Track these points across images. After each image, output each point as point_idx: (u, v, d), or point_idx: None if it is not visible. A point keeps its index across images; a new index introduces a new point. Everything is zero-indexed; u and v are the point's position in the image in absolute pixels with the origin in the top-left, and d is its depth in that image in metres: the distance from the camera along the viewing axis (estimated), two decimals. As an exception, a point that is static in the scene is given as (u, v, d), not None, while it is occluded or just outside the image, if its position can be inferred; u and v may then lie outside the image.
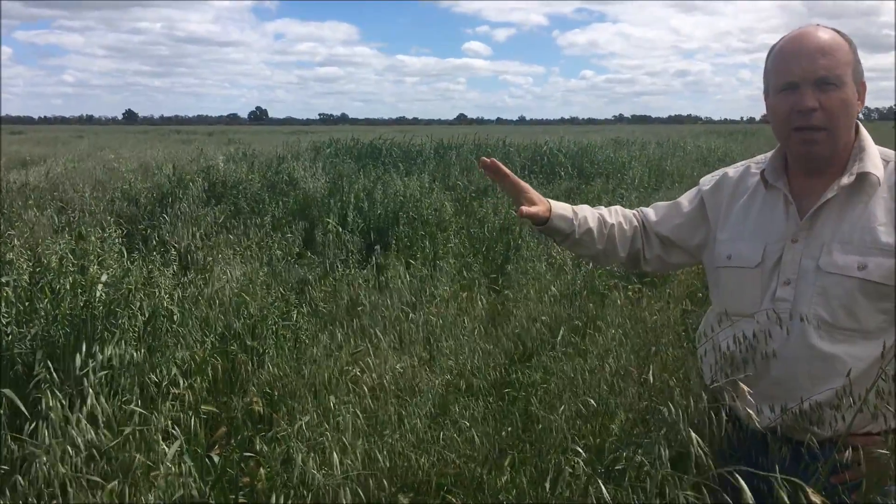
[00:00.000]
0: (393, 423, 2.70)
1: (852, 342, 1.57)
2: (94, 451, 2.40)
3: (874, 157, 1.64)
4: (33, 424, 2.51)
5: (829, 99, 1.57)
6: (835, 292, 1.57)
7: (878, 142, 1.75)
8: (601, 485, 1.63)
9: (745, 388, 1.48)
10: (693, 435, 1.46)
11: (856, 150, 1.65)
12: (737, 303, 1.73)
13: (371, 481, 2.34)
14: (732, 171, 1.89)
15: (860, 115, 1.69)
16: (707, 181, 1.93)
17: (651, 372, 2.26)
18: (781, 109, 1.64)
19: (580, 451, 2.09)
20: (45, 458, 2.26)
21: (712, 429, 1.50)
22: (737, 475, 1.32)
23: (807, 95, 1.58)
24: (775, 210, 1.72)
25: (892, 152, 1.68)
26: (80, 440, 2.37)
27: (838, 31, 1.64)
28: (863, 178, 1.61)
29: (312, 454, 2.41)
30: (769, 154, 1.80)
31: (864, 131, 1.68)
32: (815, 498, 1.26)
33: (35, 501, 2.24)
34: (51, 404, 2.54)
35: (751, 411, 1.45)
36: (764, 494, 1.36)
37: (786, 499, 1.27)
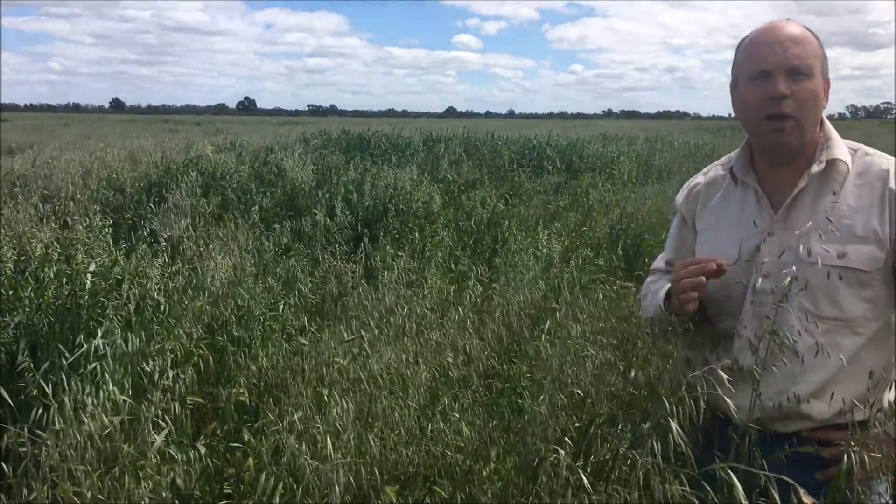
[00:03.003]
0: (383, 415, 2.70)
1: (836, 332, 1.59)
2: (90, 440, 2.39)
3: (840, 146, 1.67)
4: (39, 412, 2.50)
5: (801, 88, 1.60)
6: (817, 282, 1.57)
7: (864, 139, 1.77)
8: (581, 475, 1.64)
9: (724, 375, 1.49)
10: (674, 426, 1.47)
11: (822, 140, 1.67)
12: (718, 301, 1.74)
13: (363, 469, 2.34)
14: (701, 176, 1.91)
15: (846, 113, 1.72)
16: (680, 196, 1.95)
17: (633, 364, 2.28)
18: (753, 97, 1.65)
19: (567, 441, 2.10)
20: (49, 448, 2.24)
21: (693, 420, 1.51)
22: (730, 472, 1.33)
23: (779, 83, 1.60)
24: (747, 205, 1.73)
25: (858, 144, 1.71)
26: (91, 425, 2.35)
27: (808, 28, 1.67)
28: (832, 165, 1.64)
29: (302, 444, 2.40)
30: (734, 153, 1.82)
31: (828, 124, 1.70)
32: (805, 499, 1.27)
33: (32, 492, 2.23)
34: (66, 389, 2.54)
35: (729, 401, 1.46)
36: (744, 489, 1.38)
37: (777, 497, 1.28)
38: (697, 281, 1.59)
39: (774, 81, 1.60)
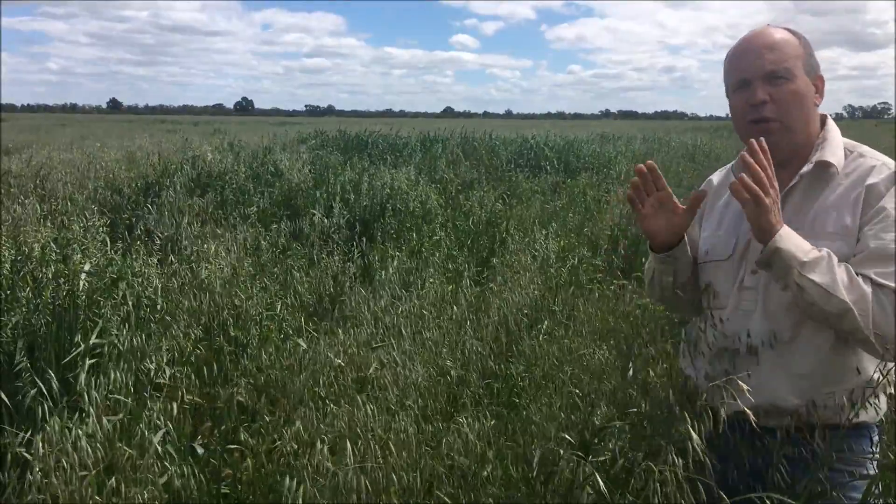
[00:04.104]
0: (382, 420, 2.70)
1: (814, 328, 1.60)
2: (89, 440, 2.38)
3: (836, 147, 1.68)
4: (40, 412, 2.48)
5: (780, 91, 1.64)
6: None
7: (861, 140, 1.79)
8: (598, 478, 1.65)
9: (744, 385, 1.51)
10: (695, 436, 1.48)
11: (819, 141, 1.70)
12: (713, 295, 1.77)
13: (379, 474, 2.33)
14: (716, 174, 1.96)
15: (843, 113, 1.73)
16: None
17: (633, 365, 2.28)
18: (737, 106, 1.72)
19: (569, 440, 2.11)
20: (38, 469, 2.23)
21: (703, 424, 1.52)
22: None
23: (757, 89, 1.65)
24: None
25: (859, 144, 1.72)
26: (85, 445, 2.34)
27: (789, 29, 1.71)
28: (822, 166, 1.66)
29: (324, 448, 2.40)
30: None
31: (830, 124, 1.73)
32: None
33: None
34: (48, 420, 2.50)
35: (748, 410, 1.48)
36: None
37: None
38: (632, 182, 1.72)
39: (753, 89, 1.66)
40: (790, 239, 1.51)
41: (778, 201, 1.52)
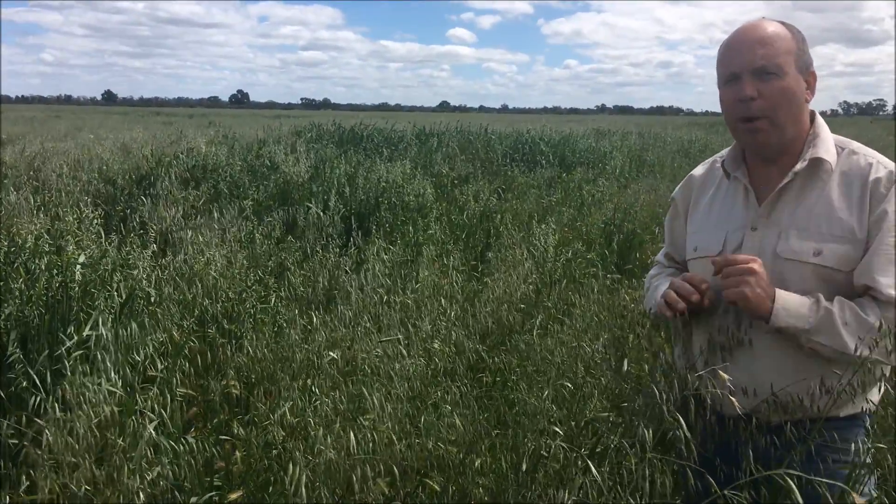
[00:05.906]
0: (373, 408, 2.70)
1: None
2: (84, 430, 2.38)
3: (828, 143, 1.67)
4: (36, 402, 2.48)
5: (769, 88, 1.62)
6: (791, 278, 1.60)
7: (857, 136, 1.78)
8: (591, 466, 1.65)
9: (725, 376, 1.51)
10: (680, 418, 1.49)
11: (810, 138, 1.68)
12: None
13: (358, 465, 2.34)
14: (699, 169, 1.94)
15: (839, 109, 1.72)
16: (677, 189, 1.99)
17: (626, 358, 2.28)
18: (727, 101, 1.69)
19: (558, 432, 2.11)
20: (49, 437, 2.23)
21: (690, 415, 1.53)
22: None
23: (746, 85, 1.63)
24: (736, 199, 1.76)
25: (849, 141, 1.71)
26: (83, 416, 2.34)
27: (784, 23, 1.68)
28: (816, 163, 1.64)
29: (292, 439, 2.40)
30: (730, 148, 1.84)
31: (819, 120, 1.71)
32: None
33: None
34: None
35: (733, 399, 1.48)
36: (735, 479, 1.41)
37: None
38: (678, 306, 1.67)
39: (742, 83, 1.63)
40: (786, 308, 1.54)
41: (763, 277, 1.56)
